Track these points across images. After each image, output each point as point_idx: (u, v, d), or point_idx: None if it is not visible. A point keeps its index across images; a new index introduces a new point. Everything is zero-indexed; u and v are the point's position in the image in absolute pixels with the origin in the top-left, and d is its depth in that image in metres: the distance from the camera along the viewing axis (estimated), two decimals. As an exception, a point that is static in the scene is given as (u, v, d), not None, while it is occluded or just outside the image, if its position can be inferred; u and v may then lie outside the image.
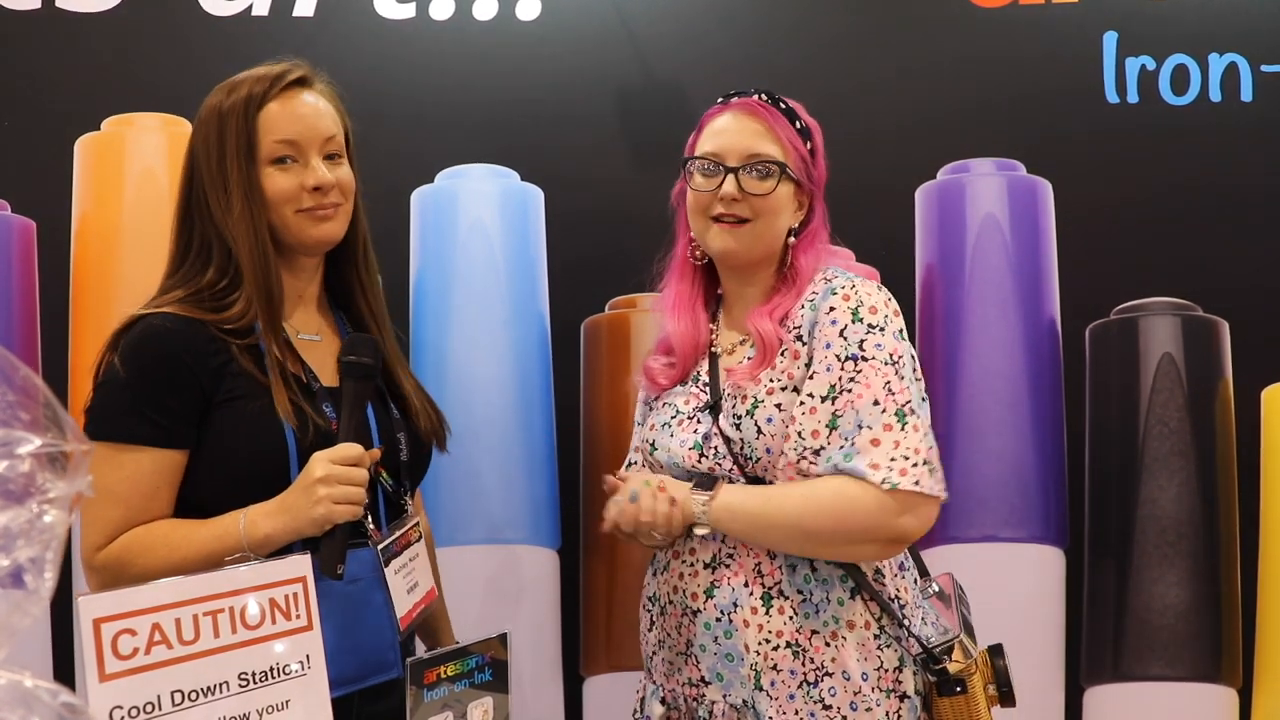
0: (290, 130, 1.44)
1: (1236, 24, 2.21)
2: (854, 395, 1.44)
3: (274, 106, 1.44)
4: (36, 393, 0.76)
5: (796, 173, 1.55)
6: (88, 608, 1.09)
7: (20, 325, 2.16)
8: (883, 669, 1.49)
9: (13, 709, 0.69)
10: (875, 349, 1.46)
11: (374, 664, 1.45)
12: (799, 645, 1.48)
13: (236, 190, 1.42)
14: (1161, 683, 2.20)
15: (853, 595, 1.50)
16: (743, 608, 1.49)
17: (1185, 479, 2.20)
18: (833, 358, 1.46)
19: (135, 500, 1.36)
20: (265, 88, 1.44)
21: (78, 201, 2.18)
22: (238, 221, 1.42)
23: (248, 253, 1.42)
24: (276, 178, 1.44)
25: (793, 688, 1.47)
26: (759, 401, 1.51)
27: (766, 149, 1.54)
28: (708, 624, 1.51)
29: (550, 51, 2.23)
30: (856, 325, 1.47)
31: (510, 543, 2.22)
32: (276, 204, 1.44)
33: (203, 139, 1.45)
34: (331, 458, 1.35)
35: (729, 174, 1.53)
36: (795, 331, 1.52)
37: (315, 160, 1.45)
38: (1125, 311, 2.22)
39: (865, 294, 1.50)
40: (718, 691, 1.52)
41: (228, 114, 1.43)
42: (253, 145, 1.43)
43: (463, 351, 2.22)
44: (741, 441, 1.51)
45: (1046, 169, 2.22)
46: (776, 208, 1.54)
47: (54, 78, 2.17)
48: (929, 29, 2.24)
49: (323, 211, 1.46)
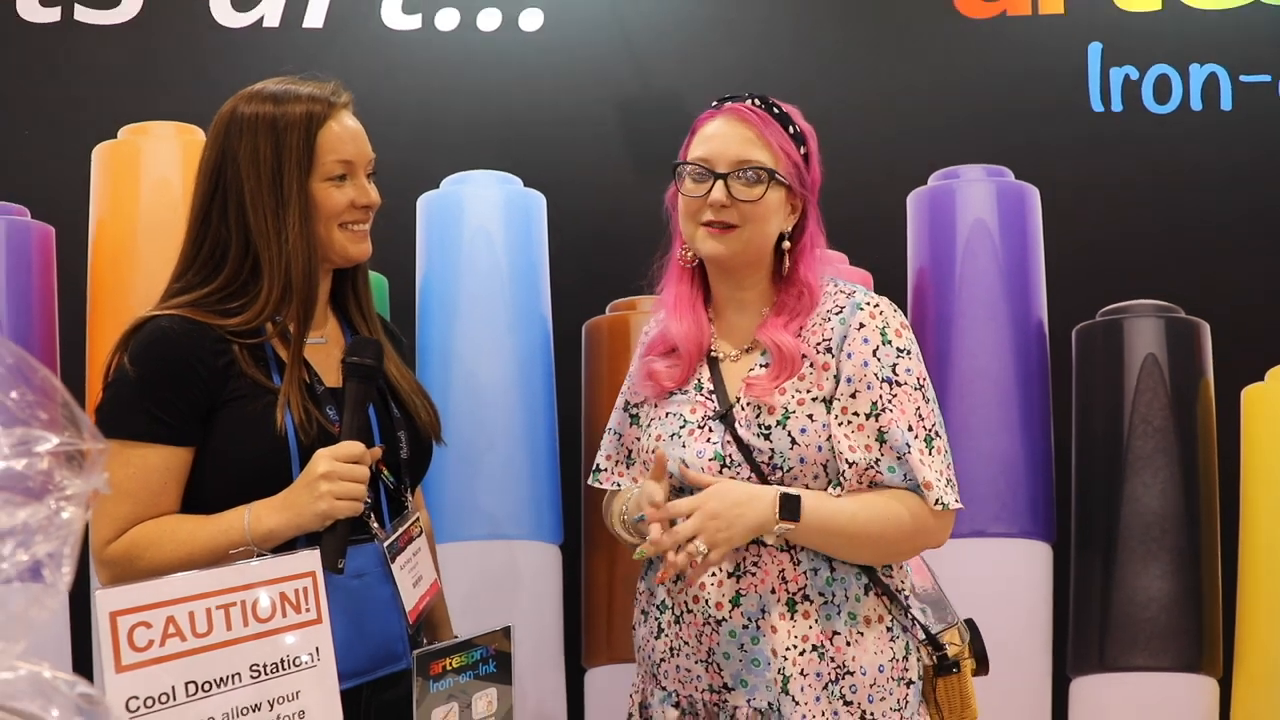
0: (349, 150, 1.49)
1: (1217, 36, 2.23)
2: (893, 418, 1.48)
3: (335, 126, 1.48)
4: (55, 393, 0.76)
5: (787, 178, 1.53)
6: (105, 601, 1.11)
7: (39, 327, 2.19)
8: (894, 659, 1.52)
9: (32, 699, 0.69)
10: (906, 374, 1.50)
11: (383, 656, 1.47)
12: (823, 647, 1.49)
13: (294, 205, 1.44)
14: (1145, 673, 2.22)
15: (866, 591, 1.52)
16: (770, 614, 1.49)
17: (1168, 475, 2.21)
18: (871, 375, 1.49)
19: (143, 496, 1.38)
20: (325, 108, 1.47)
21: (95, 207, 2.20)
22: (295, 235, 1.44)
23: (301, 264, 1.45)
24: (333, 194, 1.47)
25: (818, 689, 1.48)
26: (790, 412, 1.50)
27: (756, 155, 1.52)
28: (733, 632, 1.50)
29: (553, 61, 2.25)
30: (887, 348, 1.50)
31: (513, 538, 2.24)
32: (328, 219, 1.48)
33: (250, 148, 1.45)
34: (334, 455, 1.37)
35: (718, 180, 1.51)
36: (825, 344, 1.52)
37: (364, 179, 1.51)
38: (1110, 313, 2.23)
39: (890, 314, 1.53)
40: (741, 697, 1.51)
41: (285, 127, 1.45)
42: (313, 161, 1.46)
43: (467, 352, 2.24)
44: (771, 451, 1.50)
45: (1034, 175, 2.24)
46: (765, 214, 1.52)
47: (73, 88, 2.20)
48: (921, 40, 2.26)
49: (361, 229, 1.52)
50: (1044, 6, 2.26)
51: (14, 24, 2.20)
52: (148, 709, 1.11)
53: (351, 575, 1.42)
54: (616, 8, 2.27)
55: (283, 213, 1.44)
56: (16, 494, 0.72)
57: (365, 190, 1.51)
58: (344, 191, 1.48)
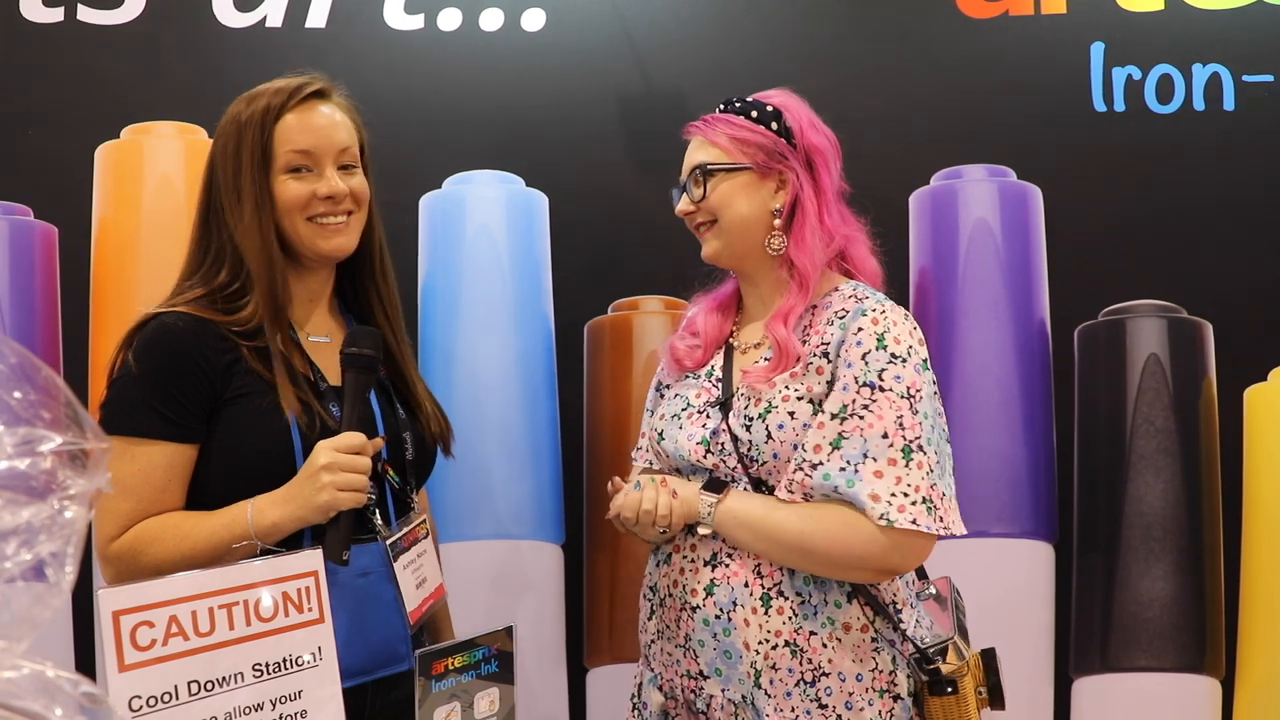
0: (305, 140, 1.46)
1: (1219, 36, 2.22)
2: (865, 423, 1.43)
3: (291, 118, 1.46)
4: (58, 392, 0.76)
5: (743, 161, 1.57)
6: (108, 600, 1.11)
7: (43, 326, 2.19)
8: (877, 670, 1.49)
9: (35, 698, 0.69)
10: (894, 380, 1.44)
11: (386, 655, 1.47)
12: (797, 645, 1.47)
13: (248, 198, 1.44)
14: (1147, 673, 2.22)
15: (849, 599, 1.50)
16: (743, 607, 1.49)
17: (1171, 476, 2.21)
18: (851, 379, 1.46)
19: (146, 493, 1.37)
20: (283, 99, 1.46)
21: (98, 207, 2.20)
22: (247, 228, 1.44)
23: (254, 258, 1.44)
24: (290, 185, 1.46)
25: (790, 685, 1.47)
26: (772, 406, 1.50)
27: (700, 158, 1.59)
28: (706, 620, 1.51)
29: (555, 61, 2.25)
30: (879, 352, 1.46)
31: (516, 538, 2.24)
32: (288, 211, 1.46)
33: (221, 148, 1.47)
34: (335, 446, 1.36)
35: (682, 191, 1.63)
36: (823, 348, 1.51)
37: (329, 170, 1.47)
38: (1112, 314, 2.23)
39: (893, 321, 1.48)
40: (716, 686, 1.51)
41: (246, 124, 1.45)
42: (268, 155, 1.45)
43: (469, 352, 2.24)
44: (750, 443, 1.51)
45: (1036, 175, 2.24)
46: (723, 202, 1.57)
47: (76, 88, 2.21)
48: (923, 39, 2.26)
49: (335, 223, 1.48)
50: (1046, 6, 2.25)
51: (17, 24, 2.21)
52: (150, 708, 1.11)
53: (356, 574, 1.42)
54: (619, 7, 2.27)
55: (238, 208, 1.44)
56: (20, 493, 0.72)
57: (329, 180, 1.47)
58: (304, 183, 1.46)
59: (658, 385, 1.77)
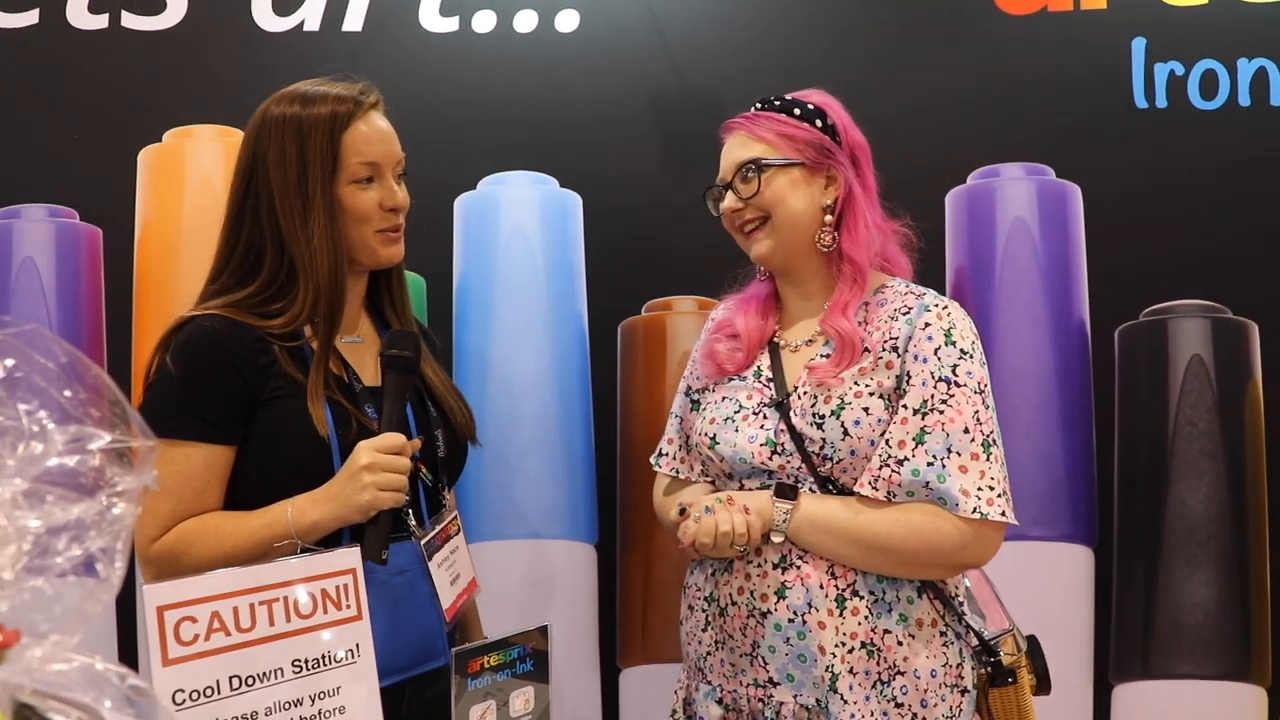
0: (374, 152, 1.48)
1: (1265, 29, 2.18)
2: (946, 418, 1.45)
3: (360, 127, 1.47)
4: (105, 391, 0.78)
5: (795, 156, 1.56)
6: (152, 596, 1.12)
7: (88, 326, 2.23)
8: (948, 665, 1.49)
9: (85, 690, 0.70)
10: (967, 376, 1.47)
11: (423, 652, 1.49)
12: (873, 645, 1.47)
13: (319, 206, 1.44)
14: (1190, 680, 2.18)
15: (919, 594, 1.50)
16: (818, 609, 1.47)
17: (1214, 479, 2.17)
18: (927, 374, 1.47)
19: (186, 494, 1.38)
20: (350, 108, 1.47)
21: (141, 209, 2.24)
22: (320, 237, 1.44)
23: (327, 267, 1.45)
24: (360, 196, 1.47)
25: (867, 688, 1.46)
26: (845, 403, 1.49)
27: (748, 154, 1.58)
28: (778, 625, 1.49)
29: (588, 62, 2.26)
30: (949, 348, 1.48)
31: (549, 538, 2.25)
32: (360, 221, 1.48)
33: (277, 150, 1.45)
34: (376, 446, 1.38)
35: (726, 189, 1.60)
36: (891, 343, 1.51)
37: (391, 181, 1.50)
38: (1154, 314, 2.20)
39: (957, 317, 1.52)
40: (787, 692, 1.49)
41: (310, 129, 1.45)
42: (337, 163, 1.46)
43: (504, 352, 2.25)
44: (822, 441, 1.49)
45: (1076, 173, 2.21)
46: (777, 198, 1.56)
47: (119, 92, 2.24)
48: (960, 37, 2.24)
49: (394, 232, 1.52)
50: (1086, 2, 2.23)
51: (64, 31, 2.25)
52: (193, 702, 1.12)
53: (393, 572, 1.43)
54: (651, 7, 2.27)
55: (308, 216, 1.45)
56: (70, 490, 0.73)
57: (392, 192, 1.50)
58: (370, 194, 1.48)
59: (687, 390, 1.74)
